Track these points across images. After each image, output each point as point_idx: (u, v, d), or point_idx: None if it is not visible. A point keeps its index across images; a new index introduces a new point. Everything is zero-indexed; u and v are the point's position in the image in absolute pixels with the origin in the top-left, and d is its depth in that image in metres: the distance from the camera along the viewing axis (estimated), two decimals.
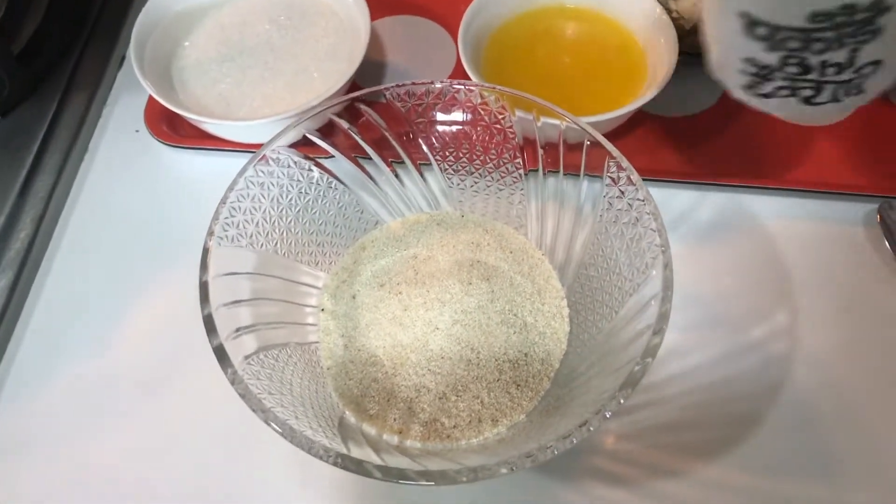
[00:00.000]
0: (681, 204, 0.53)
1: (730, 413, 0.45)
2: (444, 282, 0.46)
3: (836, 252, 0.51)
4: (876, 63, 0.38)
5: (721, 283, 0.50)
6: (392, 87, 0.45)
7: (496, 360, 0.43)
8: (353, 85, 0.55)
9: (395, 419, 0.41)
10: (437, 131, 0.47)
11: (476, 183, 0.49)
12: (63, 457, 0.45)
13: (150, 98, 0.58)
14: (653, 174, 0.53)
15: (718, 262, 0.51)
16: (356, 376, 0.43)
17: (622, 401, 0.34)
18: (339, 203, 0.47)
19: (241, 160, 0.55)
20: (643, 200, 0.40)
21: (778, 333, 0.48)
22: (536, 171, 0.46)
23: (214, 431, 0.45)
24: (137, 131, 0.58)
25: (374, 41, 0.56)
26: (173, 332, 0.48)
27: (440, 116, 0.46)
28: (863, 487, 0.43)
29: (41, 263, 0.52)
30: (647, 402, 0.45)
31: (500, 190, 0.48)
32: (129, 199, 0.55)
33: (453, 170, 0.49)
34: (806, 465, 0.43)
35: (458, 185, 0.49)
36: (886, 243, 0.50)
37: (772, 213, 0.53)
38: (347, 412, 0.42)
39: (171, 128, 0.57)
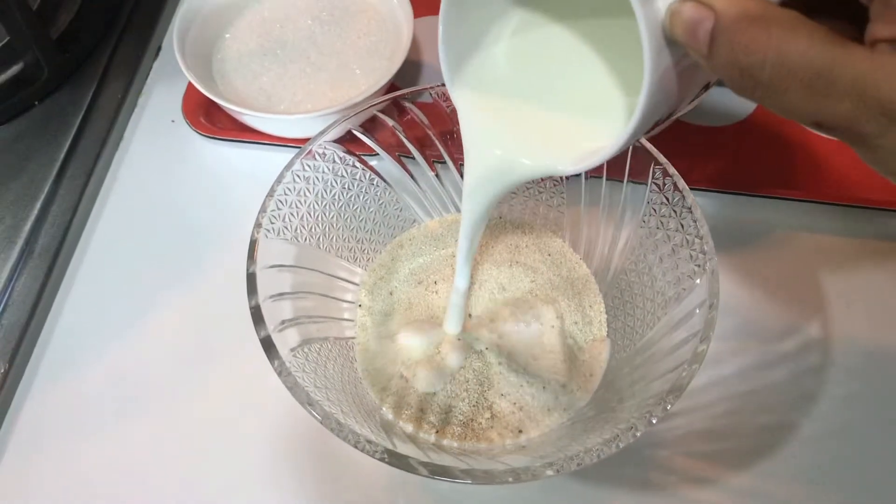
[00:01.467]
0: (715, 213, 0.53)
1: (763, 423, 0.45)
2: (482, 282, 0.46)
3: (870, 266, 0.51)
4: None
5: (755, 294, 0.50)
6: (438, 85, 0.45)
7: (537, 360, 0.43)
8: (392, 85, 0.55)
9: (433, 417, 0.41)
10: None
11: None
12: (98, 446, 0.45)
13: (188, 89, 0.58)
14: (690, 182, 0.52)
15: (753, 273, 0.51)
16: (393, 373, 0.43)
17: (669, 406, 0.34)
18: (379, 200, 0.47)
19: (276, 154, 0.55)
20: (689, 208, 0.40)
21: (811, 345, 0.48)
22: (579, 175, 0.46)
23: (249, 426, 0.45)
24: (173, 121, 0.58)
25: (414, 40, 0.56)
26: (205, 325, 0.49)
27: None
28: (892, 499, 0.43)
29: (75, 251, 0.52)
30: (681, 410, 0.45)
31: (540, 193, 0.48)
32: (164, 189, 0.55)
33: None
34: (838, 477, 0.43)
35: None
36: None
37: (807, 225, 0.53)
38: (385, 408, 0.42)
39: (209, 119, 0.57)
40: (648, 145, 0.41)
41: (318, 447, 0.44)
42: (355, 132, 0.45)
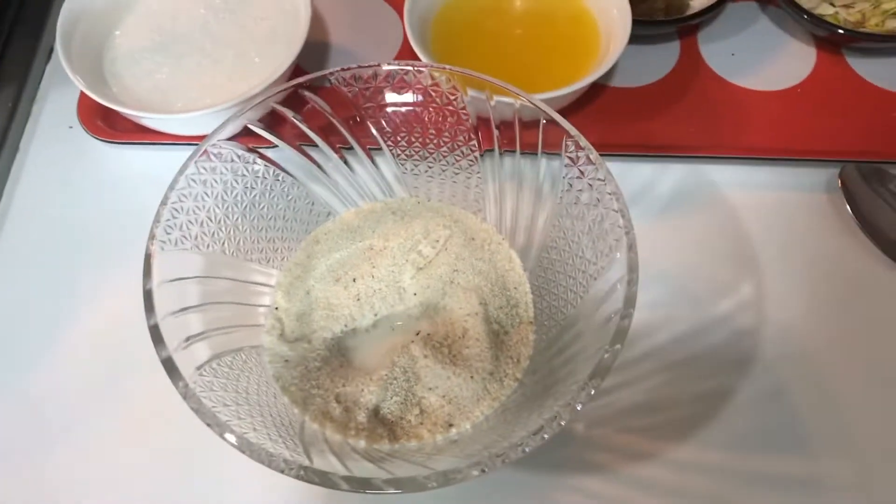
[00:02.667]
0: (640, 177, 0.52)
1: (700, 390, 0.44)
2: (402, 273, 0.44)
3: (798, 219, 0.50)
4: None
5: (684, 258, 0.49)
6: (337, 71, 0.42)
7: (463, 349, 0.41)
8: (296, 68, 0.52)
9: (360, 421, 0.39)
10: (387, 115, 0.45)
11: (430, 167, 0.47)
12: (5, 476, 0.42)
13: (83, 92, 0.55)
14: (610, 148, 0.51)
15: (681, 236, 0.50)
16: (313, 379, 0.41)
17: (592, 391, 0.33)
18: (287, 196, 0.45)
19: (183, 153, 0.52)
20: (603, 180, 0.38)
21: (744, 305, 0.47)
22: (492, 151, 0.44)
23: (168, 443, 0.43)
24: (71, 128, 0.55)
25: (317, 21, 0.54)
26: (119, 342, 0.46)
27: (389, 99, 0.44)
28: (834, 458, 0.42)
29: None
30: (617, 384, 0.44)
31: (456, 174, 0.47)
32: (66, 200, 0.52)
33: (406, 154, 0.47)
34: (778, 439, 0.43)
35: (412, 170, 0.47)
36: (848, 208, 0.50)
37: (733, 182, 0.52)
38: (307, 419, 0.40)
39: (107, 123, 0.54)
40: (558, 117, 0.39)
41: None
42: (252, 127, 0.42)
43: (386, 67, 0.43)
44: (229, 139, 0.41)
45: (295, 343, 0.43)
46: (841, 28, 0.55)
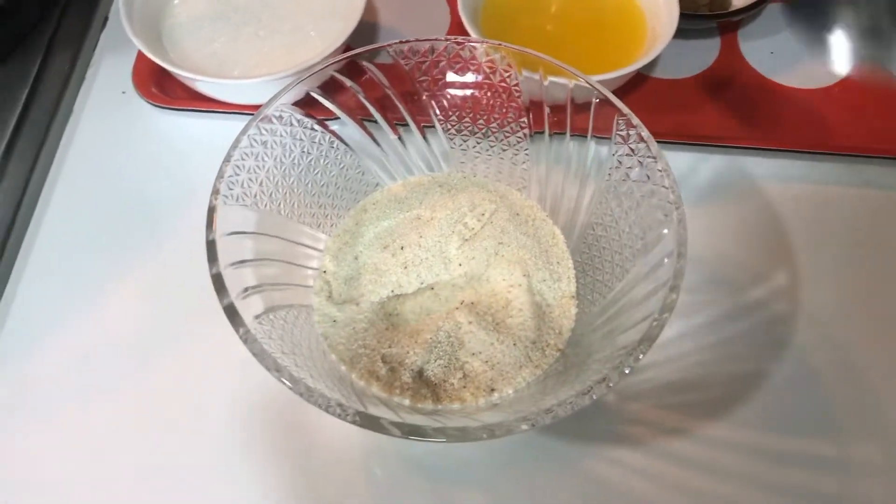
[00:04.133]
0: (680, 166, 0.53)
1: (733, 372, 0.45)
2: (448, 243, 0.45)
3: (832, 212, 0.51)
4: None
5: (721, 245, 0.50)
6: (395, 43, 0.44)
7: (506, 319, 0.42)
8: (347, 48, 0.53)
9: (405, 382, 0.40)
10: (442, 90, 0.46)
11: (478, 144, 0.48)
12: (54, 428, 0.44)
13: (138, 58, 0.56)
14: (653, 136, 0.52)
15: (719, 224, 0.51)
16: (360, 339, 0.42)
17: (641, 356, 0.34)
18: (340, 164, 0.46)
19: (232, 122, 0.54)
20: (654, 157, 0.39)
21: (779, 293, 0.48)
22: (542, 132, 0.46)
23: (217, 401, 0.44)
24: (124, 93, 0.56)
25: (368, 1, 0.55)
26: (167, 298, 0.47)
27: (445, 75, 0.46)
28: (865, 441, 0.43)
29: (27, 230, 0.50)
30: (652, 362, 0.45)
31: (504, 151, 0.48)
32: (118, 163, 0.54)
33: (456, 130, 0.48)
34: (809, 422, 0.44)
35: (461, 146, 0.48)
36: None
37: (769, 174, 0.53)
38: (354, 376, 0.41)
39: (161, 89, 0.55)
40: (611, 96, 0.41)
41: (288, 420, 0.44)
42: (313, 94, 0.43)
43: (444, 42, 0.44)
44: (290, 104, 0.42)
45: (343, 305, 0.44)
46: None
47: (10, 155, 0.52)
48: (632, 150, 0.41)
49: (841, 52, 0.60)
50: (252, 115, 0.41)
